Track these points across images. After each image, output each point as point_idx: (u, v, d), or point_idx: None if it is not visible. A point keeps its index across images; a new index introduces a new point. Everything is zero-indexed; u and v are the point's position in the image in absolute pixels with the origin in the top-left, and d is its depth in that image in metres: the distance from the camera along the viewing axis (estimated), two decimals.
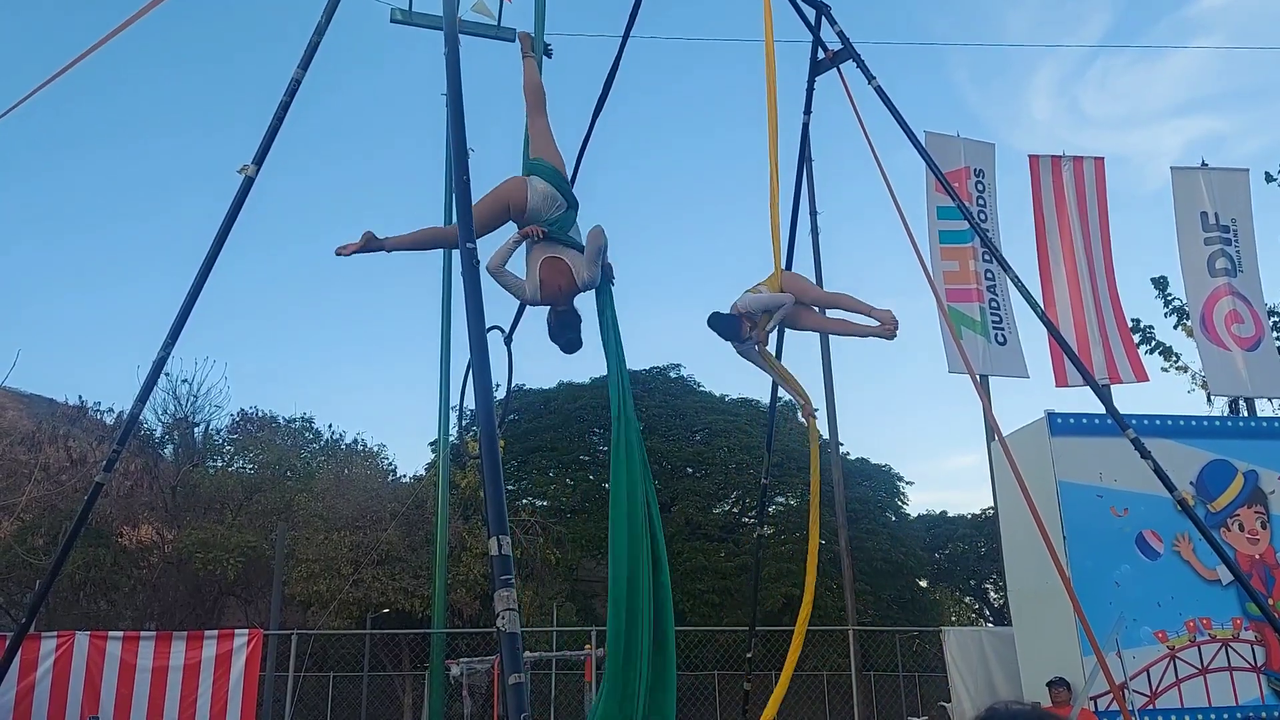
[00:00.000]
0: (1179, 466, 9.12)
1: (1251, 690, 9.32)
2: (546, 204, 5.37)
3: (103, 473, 5.34)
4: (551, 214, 5.36)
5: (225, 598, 20.86)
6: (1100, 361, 12.67)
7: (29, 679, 8.65)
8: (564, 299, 5.35)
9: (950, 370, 12.22)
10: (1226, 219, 13.50)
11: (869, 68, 6.47)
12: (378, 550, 19.09)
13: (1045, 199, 13.50)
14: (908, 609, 27.63)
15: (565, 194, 5.50)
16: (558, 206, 5.41)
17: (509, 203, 5.37)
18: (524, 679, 2.96)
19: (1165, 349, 16.84)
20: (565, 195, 5.49)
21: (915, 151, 6.55)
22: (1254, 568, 9.79)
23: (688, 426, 29.59)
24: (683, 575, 25.24)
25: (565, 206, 5.47)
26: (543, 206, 5.35)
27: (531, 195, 5.34)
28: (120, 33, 5.54)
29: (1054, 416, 9.87)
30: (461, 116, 4.30)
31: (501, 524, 3.19)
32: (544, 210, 5.35)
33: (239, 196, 5.26)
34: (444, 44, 4.51)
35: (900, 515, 31.36)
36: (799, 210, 8.23)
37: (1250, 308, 13.13)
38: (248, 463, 23.32)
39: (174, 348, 5.19)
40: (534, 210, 5.34)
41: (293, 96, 5.42)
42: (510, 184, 5.42)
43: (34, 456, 17.80)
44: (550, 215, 5.35)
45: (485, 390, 3.64)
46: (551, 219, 5.35)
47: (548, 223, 5.33)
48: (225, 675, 9.22)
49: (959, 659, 11.68)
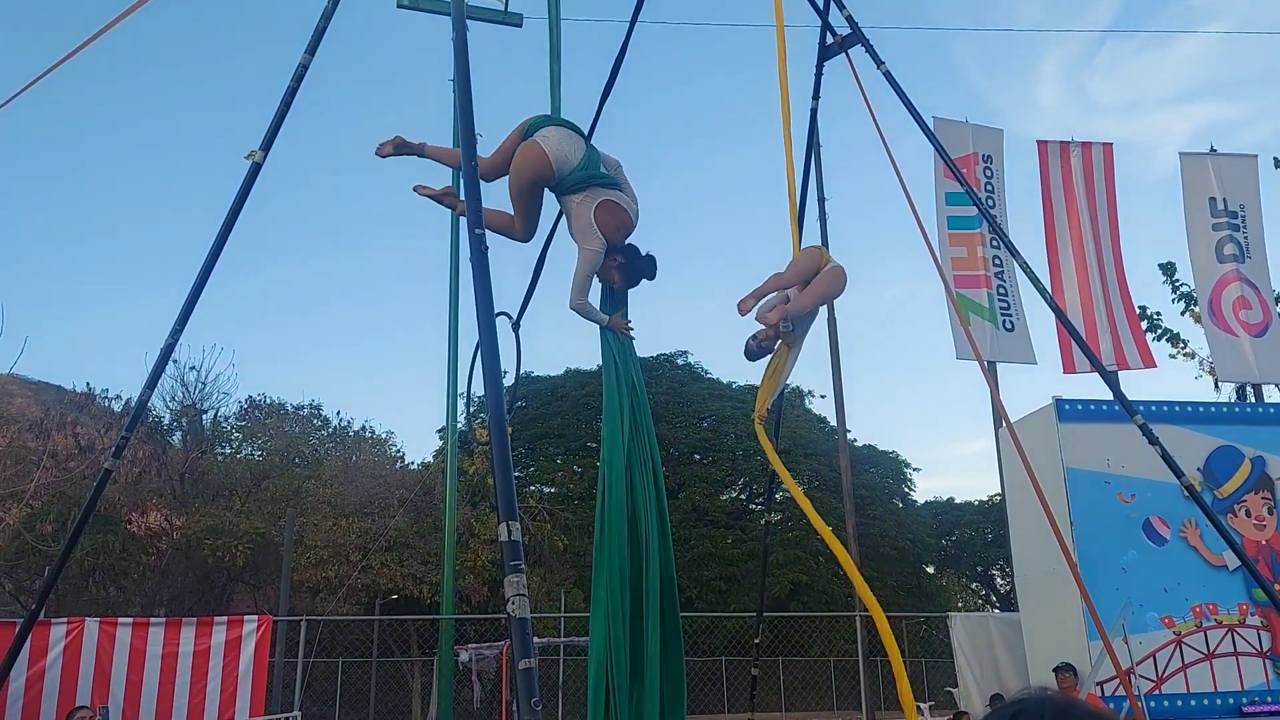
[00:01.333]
0: (1186, 452, 9.09)
1: (1257, 675, 9.33)
2: (569, 146, 5.19)
3: (111, 459, 5.36)
4: (578, 158, 5.18)
5: (234, 584, 20.97)
6: (1108, 348, 12.64)
7: (39, 665, 8.70)
8: (623, 237, 5.26)
9: (958, 356, 12.20)
10: (1235, 205, 13.42)
11: (878, 53, 6.43)
12: (386, 536, 19.16)
13: (1053, 185, 13.43)
14: (915, 595, 27.71)
15: (575, 128, 5.38)
16: (576, 146, 5.24)
17: (536, 175, 5.18)
18: (534, 664, 2.97)
19: (1173, 335, 16.78)
20: (575, 129, 5.37)
21: (924, 137, 6.51)
22: (1261, 553, 9.78)
23: (695, 413, 29.63)
24: (690, 562, 25.33)
25: (585, 143, 5.33)
26: (568, 152, 5.17)
27: (550, 149, 5.14)
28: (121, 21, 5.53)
29: (1062, 403, 9.85)
30: (469, 101, 4.29)
31: (511, 509, 3.19)
32: (571, 156, 5.17)
33: (246, 182, 5.26)
34: (451, 29, 4.49)
35: (907, 502, 31.41)
36: (807, 196, 8.19)
37: (1258, 294, 13.07)
38: (256, 449, 23.42)
39: (181, 335, 5.20)
40: (561, 159, 5.14)
41: (300, 82, 5.41)
42: (526, 156, 5.18)
43: (42, 443, 17.89)
44: (577, 160, 5.17)
45: (494, 376, 3.64)
46: (579, 165, 5.17)
47: (579, 169, 5.15)
48: (235, 661, 9.26)
49: (966, 645, 11.69)
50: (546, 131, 5.24)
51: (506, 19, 13.30)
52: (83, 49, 5.55)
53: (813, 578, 25.43)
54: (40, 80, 5.59)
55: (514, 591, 3.02)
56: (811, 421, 30.32)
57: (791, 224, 6.41)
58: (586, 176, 5.16)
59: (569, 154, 5.17)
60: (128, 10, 5.51)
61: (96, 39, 5.52)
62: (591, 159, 5.24)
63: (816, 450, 26.99)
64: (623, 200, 5.24)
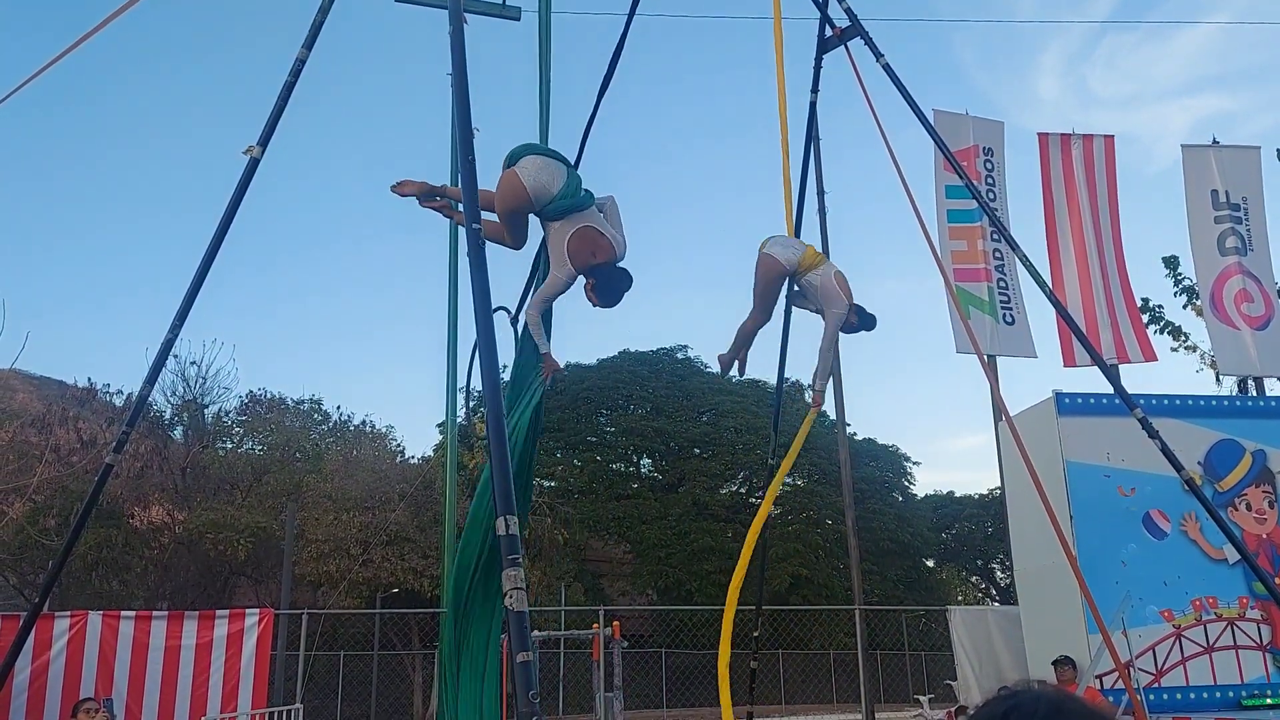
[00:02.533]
0: (1187, 446, 9.10)
1: (1257, 668, 9.35)
2: (547, 176, 5.27)
3: (112, 454, 5.37)
4: (558, 186, 5.26)
5: (236, 578, 21.04)
6: (1109, 341, 12.63)
7: (43, 658, 8.74)
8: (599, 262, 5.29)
9: (958, 350, 12.19)
10: (1237, 197, 13.39)
11: (877, 45, 6.42)
12: (387, 530, 19.20)
13: (1054, 178, 13.40)
14: (914, 588, 27.74)
15: (557, 156, 5.43)
16: (555, 174, 5.30)
17: (515, 205, 5.29)
18: (532, 657, 2.98)
19: (1174, 328, 16.78)
20: (558, 158, 5.42)
21: (923, 130, 6.51)
22: (1261, 547, 9.78)
23: (695, 407, 29.65)
24: (690, 555, 25.37)
25: (566, 171, 5.38)
26: (545, 182, 5.26)
27: (527, 180, 5.26)
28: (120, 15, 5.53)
29: (1062, 396, 9.85)
30: (466, 96, 4.29)
31: (509, 504, 3.20)
32: (549, 184, 5.26)
33: (244, 178, 5.26)
34: (448, 22, 4.49)
35: (907, 495, 31.42)
36: (806, 189, 8.19)
37: (1260, 287, 13.05)
38: (257, 444, 23.46)
39: (182, 329, 5.21)
40: (539, 189, 5.24)
41: (297, 77, 5.40)
42: (506, 187, 5.30)
43: (44, 438, 17.93)
44: (557, 189, 5.26)
45: (492, 371, 3.65)
46: (560, 193, 5.25)
47: (559, 196, 5.24)
48: (237, 654, 9.30)
49: (965, 638, 11.71)
50: (525, 162, 5.33)
51: (504, 13, 13.24)
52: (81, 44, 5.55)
53: (812, 571, 25.46)
54: (39, 75, 5.59)
55: (512, 585, 3.03)
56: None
57: (788, 217, 6.42)
58: (567, 206, 5.26)
59: (547, 183, 5.27)
60: (123, 6, 5.51)
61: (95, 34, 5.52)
62: (572, 185, 5.31)
63: (816, 444, 26.96)
64: (602, 226, 5.29)
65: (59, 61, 5.55)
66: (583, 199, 5.33)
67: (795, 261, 6.14)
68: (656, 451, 29.18)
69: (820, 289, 6.14)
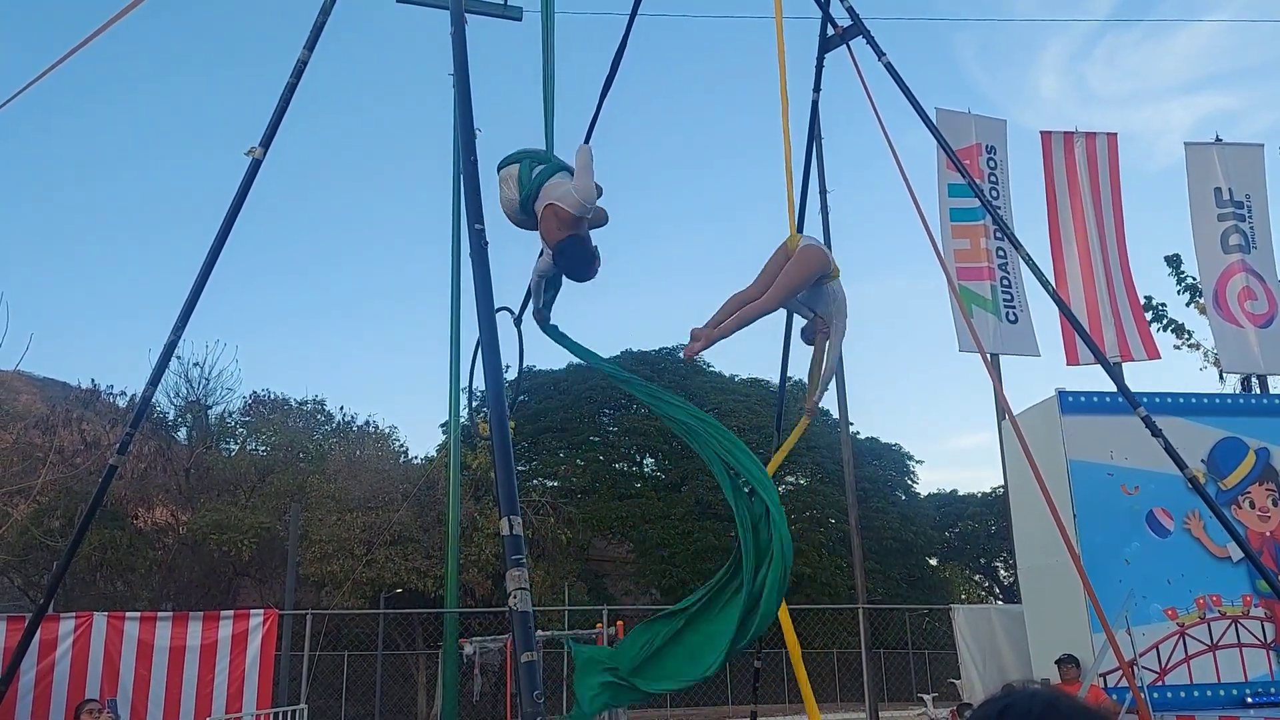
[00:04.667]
0: (1190, 444, 9.09)
1: (1261, 666, 9.34)
2: (507, 189, 5.30)
3: (116, 455, 5.37)
4: (517, 191, 5.25)
5: (240, 578, 21.07)
6: (1112, 339, 12.62)
7: (49, 659, 8.76)
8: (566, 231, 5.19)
9: (961, 349, 12.19)
10: (1240, 195, 13.37)
11: (879, 44, 6.41)
12: (390, 531, 19.23)
13: (1057, 176, 13.39)
14: (918, 587, 27.73)
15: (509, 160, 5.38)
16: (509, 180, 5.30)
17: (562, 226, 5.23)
18: (536, 657, 2.98)
19: (1177, 326, 16.74)
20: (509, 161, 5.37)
21: (926, 129, 6.50)
22: (1264, 545, 9.77)
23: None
24: (694, 555, 25.36)
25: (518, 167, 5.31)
26: (508, 193, 5.28)
27: (502, 204, 5.31)
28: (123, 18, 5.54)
29: (1065, 395, 9.85)
30: (469, 97, 4.29)
31: (513, 504, 3.21)
32: (511, 194, 5.28)
33: (247, 179, 5.27)
34: (450, 23, 4.49)
35: (910, 494, 31.42)
36: (808, 188, 8.17)
37: (1263, 284, 13.03)
38: (260, 445, 23.49)
39: (184, 331, 5.22)
40: (508, 204, 5.30)
41: (299, 78, 5.41)
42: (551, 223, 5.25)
43: (48, 440, 17.96)
44: (517, 192, 5.25)
45: (495, 371, 3.65)
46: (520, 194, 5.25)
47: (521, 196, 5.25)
48: (242, 655, 9.32)
49: (969, 636, 11.71)
50: (498, 188, 5.33)
51: (506, 13, 13.27)
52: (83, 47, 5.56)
53: (816, 570, 25.46)
54: (42, 78, 5.60)
55: (516, 585, 3.04)
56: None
57: (790, 217, 6.41)
58: (528, 195, 5.25)
59: (510, 194, 5.28)
60: (125, 9, 5.51)
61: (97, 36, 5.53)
62: (523, 176, 5.26)
63: (819, 443, 26.98)
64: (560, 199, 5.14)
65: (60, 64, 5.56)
66: (538, 178, 5.24)
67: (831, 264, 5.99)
68: (659, 451, 29.16)
69: (837, 299, 6.04)
